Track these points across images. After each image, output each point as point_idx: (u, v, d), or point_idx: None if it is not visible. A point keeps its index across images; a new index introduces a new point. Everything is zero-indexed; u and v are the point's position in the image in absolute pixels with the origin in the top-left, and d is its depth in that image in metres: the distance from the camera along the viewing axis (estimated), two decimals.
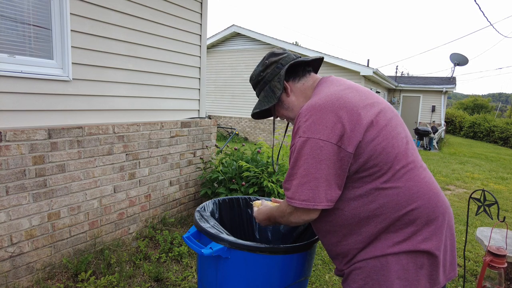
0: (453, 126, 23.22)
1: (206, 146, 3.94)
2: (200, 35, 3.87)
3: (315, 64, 1.38)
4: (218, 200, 1.81)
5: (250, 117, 12.51)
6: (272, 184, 3.19)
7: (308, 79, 1.32)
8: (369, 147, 1.06)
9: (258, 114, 1.45)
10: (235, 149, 3.82)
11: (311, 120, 1.08)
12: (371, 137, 1.07)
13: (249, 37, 12.26)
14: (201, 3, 3.81)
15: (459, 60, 17.90)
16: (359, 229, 1.12)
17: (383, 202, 1.08)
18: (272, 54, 1.34)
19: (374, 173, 1.08)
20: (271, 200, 1.85)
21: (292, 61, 1.28)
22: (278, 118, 1.40)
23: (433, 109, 16.87)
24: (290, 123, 1.38)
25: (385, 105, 1.19)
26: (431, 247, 1.08)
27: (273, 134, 1.56)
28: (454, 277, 1.18)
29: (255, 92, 1.40)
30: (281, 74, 1.28)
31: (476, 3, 7.23)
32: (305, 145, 1.07)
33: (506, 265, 1.83)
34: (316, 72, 1.39)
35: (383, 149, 1.07)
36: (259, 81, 1.35)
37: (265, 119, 12.30)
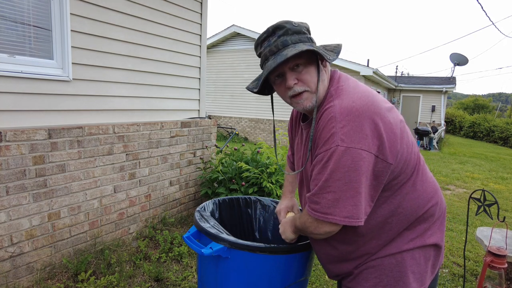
0: (453, 126, 23.21)
1: (206, 146, 3.94)
2: (200, 35, 3.87)
3: None
4: (218, 200, 1.81)
5: (250, 117, 12.58)
6: (271, 185, 3.20)
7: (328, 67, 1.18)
8: (403, 156, 1.04)
9: (265, 85, 1.19)
10: (235, 149, 3.82)
11: (350, 127, 0.97)
12: (402, 146, 1.04)
13: (249, 37, 12.25)
14: (201, 3, 3.81)
15: (459, 60, 17.90)
16: (379, 234, 1.11)
17: (406, 207, 1.09)
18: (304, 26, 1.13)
19: (402, 180, 1.07)
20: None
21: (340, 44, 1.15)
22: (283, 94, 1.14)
23: (433, 109, 16.87)
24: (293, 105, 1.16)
25: (395, 109, 1.15)
26: (438, 240, 1.14)
27: (274, 119, 1.45)
28: (442, 262, 1.23)
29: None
30: (332, 45, 1.13)
31: (479, 3, 7.23)
32: (344, 155, 0.95)
33: (506, 265, 1.83)
34: None
35: (408, 155, 1.06)
36: (304, 32, 1.09)
37: (265, 119, 12.33)
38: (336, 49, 1.12)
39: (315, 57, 1.09)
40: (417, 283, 1.11)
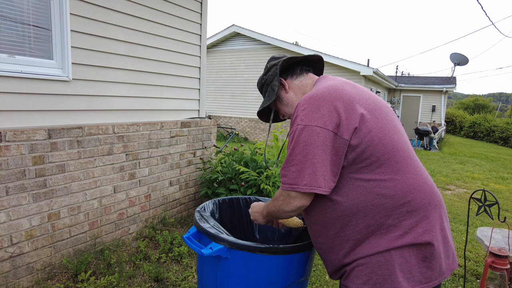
0: (453, 126, 23.20)
1: (205, 147, 3.94)
2: (200, 35, 3.86)
3: (316, 65, 1.43)
4: (218, 200, 1.80)
5: (250, 117, 12.59)
6: (269, 187, 3.20)
7: (306, 78, 1.37)
8: (367, 137, 1.09)
9: (264, 114, 1.51)
10: (235, 149, 3.82)
11: (309, 109, 1.12)
12: (369, 127, 1.10)
13: (249, 37, 12.24)
14: (201, 3, 3.81)
15: (459, 60, 17.88)
16: (356, 220, 1.14)
17: (381, 193, 1.10)
18: (272, 58, 1.41)
19: (372, 164, 1.10)
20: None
21: (286, 58, 1.34)
22: (280, 118, 1.44)
23: (433, 109, 16.86)
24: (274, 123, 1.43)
25: (381, 100, 1.23)
26: (431, 239, 1.12)
27: (268, 132, 1.59)
28: (456, 268, 1.22)
29: (254, 93, 1.43)
30: (276, 72, 1.36)
31: (479, 3, 7.23)
32: (302, 132, 1.11)
33: (508, 266, 1.82)
34: (319, 74, 1.44)
35: (380, 139, 1.10)
36: (263, 84, 1.42)
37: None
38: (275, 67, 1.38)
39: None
40: (408, 283, 1.10)
